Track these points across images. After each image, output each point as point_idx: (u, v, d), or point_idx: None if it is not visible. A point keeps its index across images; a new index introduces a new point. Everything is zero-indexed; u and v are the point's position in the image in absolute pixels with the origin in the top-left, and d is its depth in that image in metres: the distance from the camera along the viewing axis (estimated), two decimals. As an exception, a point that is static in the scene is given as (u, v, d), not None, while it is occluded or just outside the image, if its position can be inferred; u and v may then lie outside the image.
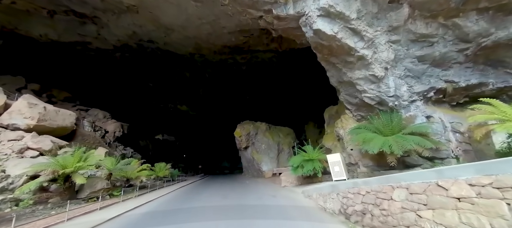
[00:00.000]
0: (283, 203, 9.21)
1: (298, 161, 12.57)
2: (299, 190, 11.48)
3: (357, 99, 11.55)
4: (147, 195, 12.88)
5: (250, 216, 7.15)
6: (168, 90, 35.39)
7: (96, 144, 17.11)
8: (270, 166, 21.03)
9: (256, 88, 36.87)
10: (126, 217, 7.96)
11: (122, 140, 24.62)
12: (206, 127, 44.48)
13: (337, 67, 11.14)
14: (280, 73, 32.84)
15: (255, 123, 22.21)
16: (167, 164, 20.60)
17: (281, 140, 21.24)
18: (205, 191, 14.11)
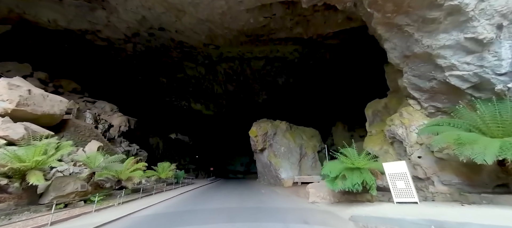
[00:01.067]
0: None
1: (337, 169, 8.71)
2: (341, 212, 7.63)
3: (433, 83, 7.55)
4: (134, 203, 9.78)
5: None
6: (181, 87, 33.09)
7: (92, 136, 14.60)
8: (290, 173, 17.25)
9: (275, 86, 33.37)
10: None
11: (128, 136, 22.31)
12: (220, 127, 41.61)
13: (405, 33, 7.29)
14: (303, 68, 29.09)
15: (274, 122, 18.60)
16: (171, 164, 17.61)
17: (304, 142, 17.38)
18: (208, 202, 10.69)
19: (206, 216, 7.74)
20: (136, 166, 11.99)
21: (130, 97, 31.76)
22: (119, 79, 28.76)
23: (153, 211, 8.68)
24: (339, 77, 28.00)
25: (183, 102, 36.97)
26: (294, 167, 17.35)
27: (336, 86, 29.07)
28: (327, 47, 22.12)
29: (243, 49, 24.64)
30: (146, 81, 30.78)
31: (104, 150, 15.38)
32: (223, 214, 7.85)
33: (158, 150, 29.82)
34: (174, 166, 17.44)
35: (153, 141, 29.53)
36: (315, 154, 17.00)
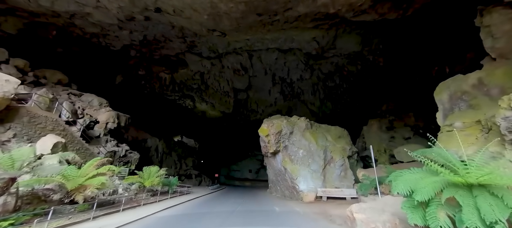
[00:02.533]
0: None
1: (429, 187, 4.41)
2: None
3: None
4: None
5: None
6: (184, 83, 29.76)
7: (57, 130, 11.12)
8: (311, 183, 12.88)
9: (289, 84, 29.27)
10: None
11: (118, 134, 18.93)
12: (227, 129, 37.77)
13: None
14: (323, 60, 24.85)
15: (290, 118, 14.37)
16: (160, 169, 13.70)
17: (329, 144, 13.01)
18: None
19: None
20: (97, 170, 8.18)
21: (127, 94, 28.74)
22: (114, 74, 25.83)
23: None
24: (373, 67, 23.46)
25: (187, 101, 33.61)
26: (317, 176, 13.00)
27: (369, 74, 24.48)
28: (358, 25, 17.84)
29: (253, 37, 20.87)
30: (145, 76, 27.68)
31: (74, 149, 11.85)
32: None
33: (157, 153, 26.33)
34: (164, 171, 13.53)
35: (152, 142, 26.10)
36: (345, 160, 12.58)
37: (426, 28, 16.00)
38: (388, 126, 14.43)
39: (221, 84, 29.27)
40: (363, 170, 11.83)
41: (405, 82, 18.32)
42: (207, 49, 23.96)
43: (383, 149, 13.29)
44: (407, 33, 17.39)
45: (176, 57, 26.02)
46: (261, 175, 38.08)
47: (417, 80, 15.69)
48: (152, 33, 20.72)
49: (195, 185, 29.28)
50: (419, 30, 16.61)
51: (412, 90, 17.07)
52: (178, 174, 27.38)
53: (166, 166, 26.73)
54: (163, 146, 27.08)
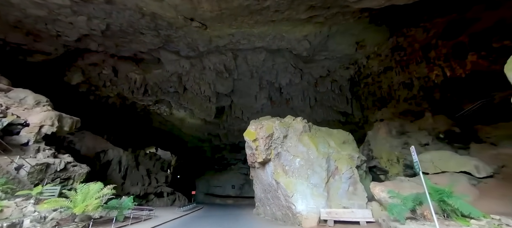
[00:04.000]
0: None
1: None
2: None
3: None
4: None
5: None
6: (159, 86, 25.98)
7: None
8: (311, 203, 9.78)
9: (277, 89, 26.77)
10: None
11: (58, 142, 14.55)
12: (207, 140, 33.81)
13: None
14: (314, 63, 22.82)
15: (284, 120, 11.41)
16: (105, 188, 9.68)
17: (332, 151, 10.18)
18: None
19: None
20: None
21: (86, 97, 24.20)
22: (65, 70, 21.47)
23: None
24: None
25: (163, 107, 29.59)
26: (318, 193, 9.99)
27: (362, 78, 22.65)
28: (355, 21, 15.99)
29: (238, 31, 18.26)
30: (110, 76, 23.52)
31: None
32: None
33: (120, 167, 21.64)
34: (109, 190, 9.53)
35: (114, 153, 21.47)
36: (353, 171, 9.74)
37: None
38: (399, 130, 12.14)
39: (201, 87, 25.96)
40: (379, 184, 9.13)
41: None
42: (186, 46, 20.85)
43: (395, 158, 10.84)
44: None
45: (149, 54, 22.50)
46: (246, 191, 34.10)
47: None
48: (118, 22, 17.22)
49: (166, 205, 24.57)
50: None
51: (427, 88, 15.25)
52: (145, 192, 22.69)
53: (131, 182, 22.05)
54: (128, 158, 22.49)
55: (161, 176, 26.44)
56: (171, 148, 37.54)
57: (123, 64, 23.36)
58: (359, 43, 19.93)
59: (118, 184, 19.99)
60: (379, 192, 8.39)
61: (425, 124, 11.37)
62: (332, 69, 23.75)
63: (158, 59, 23.45)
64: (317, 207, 9.75)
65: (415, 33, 17.39)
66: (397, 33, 18.04)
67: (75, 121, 14.84)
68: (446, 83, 15.68)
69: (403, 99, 19.03)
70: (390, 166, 11.00)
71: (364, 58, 21.24)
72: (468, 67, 15.33)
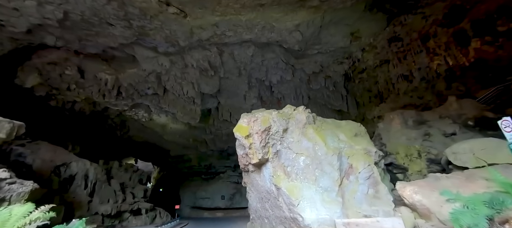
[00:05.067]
0: None
1: None
2: None
3: None
4: None
5: None
6: (134, 88, 23.06)
7: None
8: (322, 211, 7.69)
9: (268, 87, 24.89)
10: None
11: None
12: (192, 147, 30.81)
13: None
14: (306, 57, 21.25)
15: (283, 111, 9.30)
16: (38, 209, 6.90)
17: (344, 146, 8.20)
18: None
19: None
20: None
21: (44, 102, 20.68)
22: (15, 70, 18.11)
23: None
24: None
25: (140, 112, 26.47)
26: (330, 198, 7.92)
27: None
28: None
29: (223, 19, 16.26)
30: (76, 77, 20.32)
31: None
32: None
33: (87, 182, 18.19)
34: (41, 213, 6.69)
35: (79, 166, 18.03)
36: (373, 169, 7.77)
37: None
38: (417, 119, 10.53)
39: (184, 88, 23.40)
40: (409, 183, 7.25)
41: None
42: (164, 40, 18.40)
43: (415, 153, 9.13)
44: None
45: (121, 51, 19.71)
46: (237, 201, 31.22)
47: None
48: (78, 10, 14.45)
49: (145, 224, 21.16)
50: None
51: (429, 79, 14.00)
52: (118, 210, 19.27)
53: (101, 199, 18.59)
54: (97, 172, 19.07)
55: (139, 190, 23.03)
56: (152, 158, 33.94)
57: (90, 63, 20.32)
58: (354, 34, 18.76)
59: (83, 203, 16.60)
60: (412, 194, 6.50)
61: (448, 110, 9.87)
62: (326, 64, 22.40)
63: (132, 56, 20.71)
64: (331, 217, 7.61)
65: (413, 21, 16.46)
66: (394, 22, 17.05)
67: (16, 126, 11.68)
68: (452, 72, 14.66)
69: (403, 93, 17.89)
70: (410, 162, 9.29)
71: (359, 51, 20.10)
72: (472, 54, 14.40)
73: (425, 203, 6.11)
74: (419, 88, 15.92)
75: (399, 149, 9.77)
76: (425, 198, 6.25)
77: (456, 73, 14.77)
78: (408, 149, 9.43)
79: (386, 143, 10.42)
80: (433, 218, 5.97)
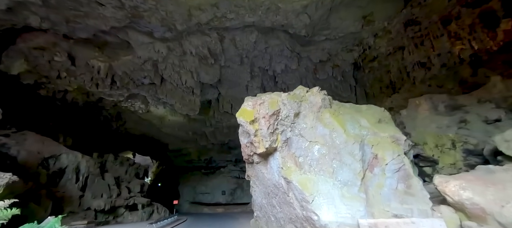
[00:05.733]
0: None
1: None
2: None
3: None
4: None
5: None
6: (130, 76, 21.70)
7: None
8: (343, 209, 6.46)
9: (271, 77, 23.48)
10: None
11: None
12: (192, 140, 29.57)
13: None
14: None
15: (293, 92, 7.96)
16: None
17: (367, 133, 6.86)
18: None
19: None
20: None
21: (32, 91, 19.35)
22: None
23: None
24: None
25: (137, 103, 25.14)
26: (351, 193, 6.64)
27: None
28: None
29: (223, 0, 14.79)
30: (66, 64, 18.95)
31: None
32: None
33: (78, 175, 16.98)
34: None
35: (69, 159, 16.81)
36: (403, 160, 6.42)
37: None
38: (450, 104, 9.11)
39: (182, 77, 22.00)
40: (454, 177, 5.93)
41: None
42: (160, 23, 16.92)
43: (448, 142, 7.79)
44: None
45: (114, 36, 18.29)
46: (238, 196, 30.11)
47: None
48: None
49: (141, 219, 20.04)
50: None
51: (451, 66, 12.59)
52: (113, 205, 18.12)
53: (93, 194, 17.41)
54: (89, 165, 17.83)
55: (135, 185, 21.85)
56: (151, 152, 32.76)
57: (81, 49, 18.90)
58: (367, 17, 17.26)
59: (74, 198, 15.40)
60: (458, 190, 5.19)
61: (491, 93, 8.46)
62: (334, 52, 20.93)
63: (126, 42, 19.27)
64: (353, 216, 6.32)
65: (433, 2, 14.92)
66: (412, 3, 15.52)
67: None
68: (478, 58, 13.19)
69: (420, 81, 16.44)
70: (441, 154, 7.98)
71: (371, 37, 18.60)
72: (501, 37, 12.91)
73: (478, 202, 4.82)
74: (438, 76, 14.47)
75: (428, 138, 8.44)
76: (477, 195, 4.95)
77: (482, 58, 13.30)
78: (439, 139, 8.10)
79: (411, 132, 9.06)
80: (490, 221, 4.69)
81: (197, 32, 18.65)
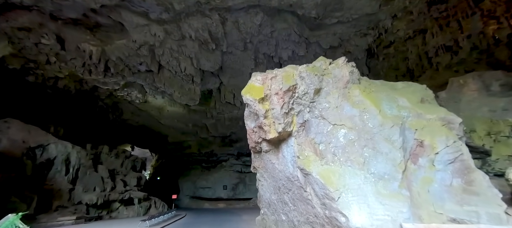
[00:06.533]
0: None
1: None
2: None
3: None
4: None
5: None
6: (123, 62, 20.15)
7: None
8: (379, 210, 4.98)
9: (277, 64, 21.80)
10: None
11: None
12: (194, 132, 28.12)
13: None
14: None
15: (314, 65, 6.36)
16: None
17: (408, 115, 5.33)
18: None
19: None
20: None
21: (17, 76, 17.89)
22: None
23: None
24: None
25: (134, 92, 23.67)
26: (390, 190, 5.13)
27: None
28: None
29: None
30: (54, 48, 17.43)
31: None
32: None
33: (68, 167, 15.63)
34: None
35: (58, 149, 15.43)
36: (461, 149, 4.92)
37: None
38: (507, 81, 7.48)
39: (181, 64, 20.41)
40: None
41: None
42: (155, 0, 15.31)
43: (506, 129, 6.20)
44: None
45: (106, 17, 16.67)
46: (240, 191, 28.79)
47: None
48: None
49: (137, 214, 18.74)
50: None
51: (483, 49, 10.89)
52: (106, 200, 16.80)
53: (85, 187, 16.07)
54: (80, 156, 16.44)
55: (132, 178, 20.51)
56: (150, 145, 31.43)
57: (70, 31, 17.31)
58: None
59: (63, 191, 14.05)
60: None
61: None
62: (346, 37, 19.15)
63: (120, 24, 17.65)
64: (394, 219, 4.79)
65: (463, -25, 13.08)
66: (439, -24, 13.67)
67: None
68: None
69: (445, 67, 14.71)
70: (495, 144, 6.41)
71: (388, 19, 16.79)
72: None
73: None
74: (467, 60, 12.74)
75: (477, 124, 6.84)
76: None
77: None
78: (493, 125, 6.49)
79: (458, 110, 7.42)
80: None
81: (196, 14, 16.98)
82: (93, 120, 23.97)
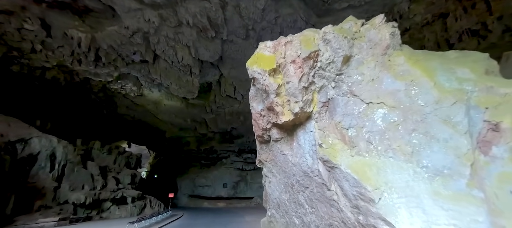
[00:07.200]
0: None
1: None
2: None
3: None
4: None
5: None
6: (116, 51, 18.63)
7: None
8: (439, 216, 3.50)
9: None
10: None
11: None
12: (190, 127, 26.57)
13: None
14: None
15: (342, 26, 4.90)
16: None
17: (474, 89, 4.08)
18: None
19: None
20: None
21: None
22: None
23: None
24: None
25: (128, 85, 22.14)
26: (452, 189, 3.70)
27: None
28: None
29: None
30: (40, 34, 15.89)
31: None
32: None
33: (54, 163, 14.13)
34: None
35: (42, 144, 13.92)
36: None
37: None
38: None
39: (178, 53, 18.87)
40: None
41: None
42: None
43: None
44: None
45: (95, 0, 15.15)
46: (241, 190, 27.30)
47: None
48: None
49: (131, 214, 17.25)
50: None
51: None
52: (96, 199, 15.31)
53: (72, 185, 14.56)
54: (67, 151, 14.94)
55: (125, 175, 19.00)
56: (146, 141, 29.92)
57: (56, 16, 15.78)
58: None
59: (48, 189, 12.54)
60: None
61: None
62: (356, 23, 17.50)
63: (111, 9, 16.11)
64: (473, 223, 3.24)
65: None
66: (466, -50, 12.10)
67: None
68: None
69: (469, 52, 13.07)
70: None
71: (405, 2, 15.24)
72: None
73: None
74: (498, 44, 11.16)
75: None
76: None
77: None
78: None
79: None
80: None
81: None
82: (86, 114, 22.45)
